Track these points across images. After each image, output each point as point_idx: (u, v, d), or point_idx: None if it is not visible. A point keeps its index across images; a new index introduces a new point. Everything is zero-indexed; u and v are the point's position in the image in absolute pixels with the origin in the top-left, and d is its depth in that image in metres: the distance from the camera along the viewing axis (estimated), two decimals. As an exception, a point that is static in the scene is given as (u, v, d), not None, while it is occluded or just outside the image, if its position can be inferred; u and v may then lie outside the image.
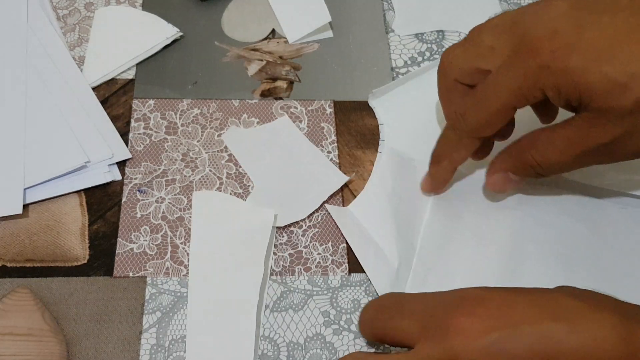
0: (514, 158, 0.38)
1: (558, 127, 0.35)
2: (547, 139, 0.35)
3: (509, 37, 0.34)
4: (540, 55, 0.32)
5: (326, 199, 0.42)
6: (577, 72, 0.31)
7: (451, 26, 0.51)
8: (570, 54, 0.31)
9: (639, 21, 0.31)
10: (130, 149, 0.43)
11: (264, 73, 0.47)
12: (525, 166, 0.37)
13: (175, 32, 0.48)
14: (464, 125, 0.37)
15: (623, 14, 0.31)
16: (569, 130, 0.34)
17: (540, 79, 0.32)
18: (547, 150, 0.35)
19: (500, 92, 0.34)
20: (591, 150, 0.34)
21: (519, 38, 0.33)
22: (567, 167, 0.36)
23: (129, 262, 0.39)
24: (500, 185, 0.39)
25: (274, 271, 0.40)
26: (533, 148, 0.36)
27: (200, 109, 0.46)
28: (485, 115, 0.35)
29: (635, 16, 0.31)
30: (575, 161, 0.35)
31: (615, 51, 0.31)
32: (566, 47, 0.31)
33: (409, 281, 0.39)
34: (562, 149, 0.34)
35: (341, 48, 0.49)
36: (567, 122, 0.34)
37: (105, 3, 0.50)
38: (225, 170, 0.43)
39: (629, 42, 0.31)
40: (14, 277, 0.38)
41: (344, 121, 0.46)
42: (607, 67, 0.31)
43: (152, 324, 0.38)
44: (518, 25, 0.33)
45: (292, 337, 0.38)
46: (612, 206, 0.42)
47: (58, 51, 0.46)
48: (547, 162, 0.36)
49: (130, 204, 0.41)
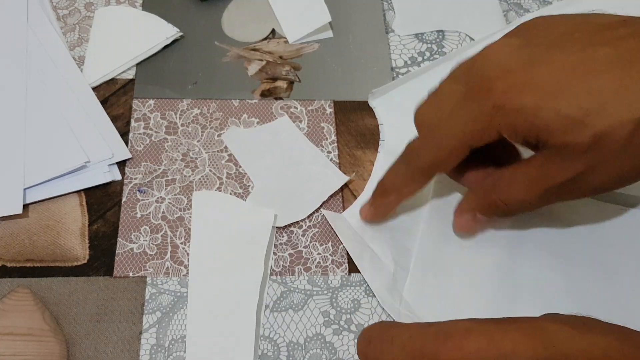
0: (479, 198, 0.38)
1: (520, 166, 0.35)
2: (509, 178, 0.35)
3: (464, 80, 0.34)
4: (493, 95, 0.32)
5: (326, 199, 0.42)
6: (531, 111, 0.31)
7: (451, 26, 0.51)
8: (522, 93, 0.31)
9: (588, 56, 0.31)
10: (130, 149, 0.43)
11: (264, 73, 0.48)
12: (491, 206, 0.37)
13: (175, 32, 0.48)
14: (417, 162, 0.36)
15: (574, 48, 0.31)
16: (530, 168, 0.34)
17: (495, 119, 0.32)
18: (510, 189, 0.35)
19: (454, 131, 0.34)
20: (554, 187, 0.33)
21: (472, 80, 0.33)
22: (532, 205, 0.36)
23: (129, 262, 0.39)
24: (468, 227, 0.39)
25: (274, 271, 0.40)
26: (497, 188, 0.36)
27: (200, 109, 0.46)
28: (439, 153, 0.35)
29: (585, 50, 0.31)
30: (540, 199, 0.35)
31: (568, 87, 0.30)
32: (518, 86, 0.31)
33: (406, 284, 0.39)
34: (525, 188, 0.34)
35: (341, 48, 0.49)
36: (529, 160, 0.34)
37: (105, 3, 0.50)
38: (225, 170, 0.43)
39: (582, 76, 0.30)
40: (14, 277, 0.38)
41: (344, 121, 0.46)
42: (560, 104, 0.30)
43: (152, 324, 0.38)
44: (473, 67, 0.34)
45: (292, 337, 0.38)
46: (612, 206, 0.42)
47: (58, 51, 0.46)
48: (512, 201, 0.35)
49: (130, 204, 0.41)
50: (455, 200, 0.42)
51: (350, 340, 0.38)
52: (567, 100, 0.30)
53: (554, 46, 0.32)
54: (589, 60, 0.31)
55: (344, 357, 0.37)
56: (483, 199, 0.37)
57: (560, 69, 0.31)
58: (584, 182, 0.33)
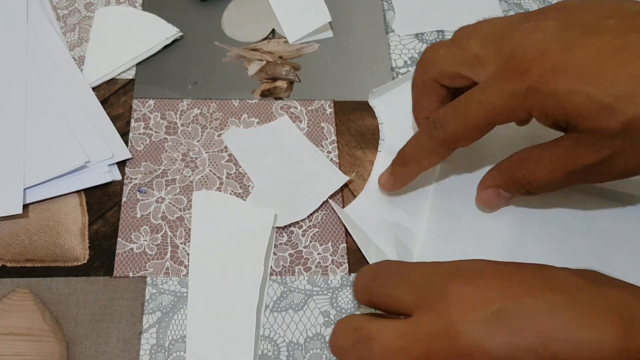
0: (504, 175, 0.38)
1: (547, 146, 0.35)
2: (536, 157, 0.35)
3: (496, 51, 0.34)
4: (528, 77, 0.32)
5: (326, 199, 0.42)
6: (563, 95, 0.31)
7: (451, 26, 0.51)
8: (557, 77, 0.31)
9: (624, 42, 0.31)
10: (130, 149, 0.43)
11: (264, 73, 0.47)
12: (515, 183, 0.37)
13: (175, 32, 0.48)
14: (441, 134, 0.36)
15: (610, 34, 0.32)
16: (557, 149, 0.34)
17: (527, 101, 0.33)
18: (536, 168, 0.36)
19: (484, 108, 0.34)
20: (580, 169, 0.34)
21: (506, 54, 0.33)
22: (556, 185, 0.36)
23: (129, 262, 0.39)
24: (491, 201, 0.40)
25: (274, 271, 0.40)
26: (523, 166, 0.36)
27: (200, 109, 0.46)
28: (465, 128, 0.35)
29: (621, 37, 0.31)
30: (565, 180, 0.35)
31: (601, 72, 0.31)
32: (553, 70, 0.31)
33: None
34: (551, 168, 0.35)
35: (341, 48, 0.49)
36: (556, 141, 0.34)
37: (105, 3, 0.50)
38: (225, 170, 0.43)
39: (615, 63, 0.31)
40: (14, 277, 0.38)
41: (344, 121, 0.46)
42: (593, 89, 0.31)
43: (152, 324, 0.38)
44: (507, 40, 0.34)
45: (292, 337, 0.38)
46: (613, 205, 0.42)
47: (58, 51, 0.46)
48: (536, 180, 0.36)
49: (130, 204, 0.41)
50: (457, 195, 0.42)
51: (350, 340, 0.38)
52: (599, 85, 0.31)
53: (590, 32, 0.32)
54: (623, 47, 0.31)
55: (344, 357, 0.37)
56: (508, 176, 0.37)
57: (595, 54, 0.31)
58: (610, 166, 0.33)
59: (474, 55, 0.35)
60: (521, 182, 0.37)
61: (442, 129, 0.36)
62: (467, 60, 0.35)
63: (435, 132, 0.37)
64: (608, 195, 0.42)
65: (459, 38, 0.36)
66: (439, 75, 0.37)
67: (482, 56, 0.35)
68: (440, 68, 0.37)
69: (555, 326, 0.26)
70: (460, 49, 0.36)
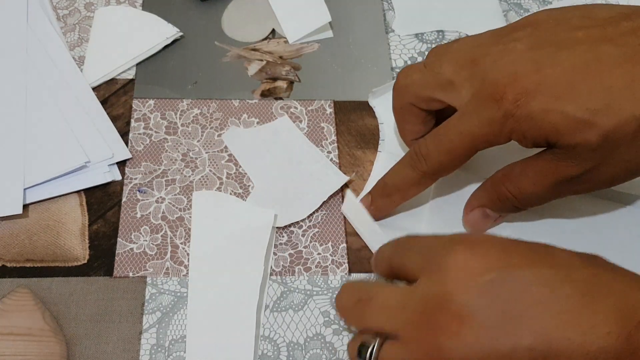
0: (489, 192, 0.38)
1: (531, 160, 0.35)
2: (520, 171, 0.35)
3: (469, 76, 0.34)
4: (503, 103, 0.32)
5: (326, 199, 0.42)
6: (539, 116, 0.31)
7: (451, 26, 0.51)
8: (531, 99, 0.31)
9: (594, 55, 0.31)
10: (130, 149, 0.43)
11: (264, 73, 0.48)
12: (501, 199, 0.37)
13: (175, 32, 0.48)
14: (425, 167, 0.37)
15: (580, 48, 0.32)
16: (540, 162, 0.34)
17: (505, 127, 0.33)
18: (520, 182, 0.35)
19: (465, 137, 0.34)
20: (564, 181, 0.34)
21: (479, 80, 0.33)
22: (542, 198, 0.36)
23: (129, 262, 0.39)
24: (478, 223, 0.40)
25: (274, 271, 0.40)
26: (507, 180, 0.36)
27: (200, 109, 0.46)
28: (448, 158, 0.36)
29: (591, 51, 0.31)
30: (550, 192, 0.35)
31: (574, 88, 0.31)
32: (526, 93, 0.32)
33: None
34: (534, 181, 0.35)
35: (341, 48, 0.49)
36: (539, 154, 0.34)
37: (105, 3, 0.50)
38: (225, 170, 0.43)
39: (587, 77, 0.31)
40: (14, 277, 0.38)
41: (344, 121, 0.46)
42: (567, 106, 0.31)
43: (152, 324, 0.38)
44: (478, 65, 0.34)
45: (292, 337, 0.38)
46: (613, 205, 0.42)
47: (58, 51, 0.46)
48: (522, 193, 0.36)
49: (130, 204, 0.41)
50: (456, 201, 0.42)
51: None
52: (573, 101, 0.31)
53: (559, 47, 0.32)
54: (594, 60, 0.31)
55: (344, 357, 0.37)
56: (493, 192, 0.37)
57: (566, 71, 0.31)
58: (594, 176, 0.33)
59: (448, 80, 0.35)
60: (507, 197, 0.36)
61: (425, 162, 0.36)
62: (441, 85, 0.36)
63: (419, 164, 0.37)
64: (607, 195, 0.42)
65: (431, 62, 0.36)
66: (415, 100, 0.38)
67: (455, 82, 0.35)
68: (415, 93, 0.37)
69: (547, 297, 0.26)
70: (433, 74, 0.36)
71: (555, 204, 0.42)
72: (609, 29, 0.32)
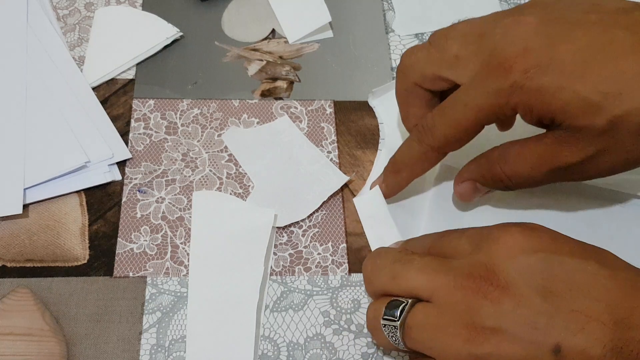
0: (483, 169, 0.37)
1: (529, 142, 0.34)
2: (517, 153, 0.35)
3: (476, 50, 0.33)
4: (512, 74, 0.31)
5: (326, 199, 0.42)
6: (549, 92, 0.31)
7: (451, 26, 0.51)
8: (542, 73, 0.31)
9: (609, 38, 0.31)
10: (130, 149, 0.43)
11: (264, 73, 0.48)
12: (494, 178, 0.36)
13: (175, 32, 0.48)
14: (431, 140, 0.36)
15: (594, 30, 0.31)
16: (540, 146, 0.34)
17: (512, 99, 0.32)
18: (517, 164, 0.35)
19: (471, 109, 0.34)
20: (562, 167, 0.33)
21: (488, 52, 0.33)
22: (536, 182, 0.35)
23: (129, 262, 0.39)
24: (467, 194, 0.39)
25: (274, 271, 0.40)
26: (503, 161, 0.36)
27: (200, 109, 0.46)
28: (454, 131, 0.35)
29: (606, 33, 0.31)
30: (545, 177, 0.35)
31: (587, 69, 0.30)
32: (538, 66, 0.31)
33: None
34: (532, 165, 0.34)
35: (341, 48, 0.49)
36: (539, 137, 0.34)
37: (105, 3, 0.50)
38: (225, 170, 0.43)
39: (601, 59, 0.30)
40: (14, 277, 0.38)
41: (344, 121, 0.46)
42: (579, 86, 0.30)
43: (152, 324, 0.38)
44: (487, 37, 0.33)
45: (292, 337, 0.38)
46: (612, 205, 0.42)
47: (58, 51, 0.46)
48: (516, 176, 0.35)
49: (130, 204, 0.41)
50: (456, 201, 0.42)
51: (350, 340, 0.38)
52: (586, 82, 0.30)
53: (574, 26, 0.31)
54: (609, 43, 0.31)
55: (344, 357, 0.37)
56: (487, 170, 0.37)
57: (580, 50, 0.31)
58: (592, 164, 0.33)
59: (454, 55, 0.34)
60: (500, 178, 0.36)
61: (431, 135, 0.36)
62: (446, 61, 0.35)
63: (425, 138, 0.36)
64: (605, 195, 0.42)
65: (436, 39, 0.36)
66: (420, 79, 0.37)
67: (462, 56, 0.34)
68: (420, 72, 0.36)
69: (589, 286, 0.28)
70: (438, 50, 0.35)
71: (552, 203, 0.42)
72: (622, 17, 0.32)
